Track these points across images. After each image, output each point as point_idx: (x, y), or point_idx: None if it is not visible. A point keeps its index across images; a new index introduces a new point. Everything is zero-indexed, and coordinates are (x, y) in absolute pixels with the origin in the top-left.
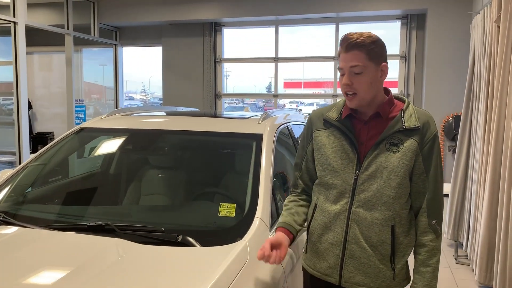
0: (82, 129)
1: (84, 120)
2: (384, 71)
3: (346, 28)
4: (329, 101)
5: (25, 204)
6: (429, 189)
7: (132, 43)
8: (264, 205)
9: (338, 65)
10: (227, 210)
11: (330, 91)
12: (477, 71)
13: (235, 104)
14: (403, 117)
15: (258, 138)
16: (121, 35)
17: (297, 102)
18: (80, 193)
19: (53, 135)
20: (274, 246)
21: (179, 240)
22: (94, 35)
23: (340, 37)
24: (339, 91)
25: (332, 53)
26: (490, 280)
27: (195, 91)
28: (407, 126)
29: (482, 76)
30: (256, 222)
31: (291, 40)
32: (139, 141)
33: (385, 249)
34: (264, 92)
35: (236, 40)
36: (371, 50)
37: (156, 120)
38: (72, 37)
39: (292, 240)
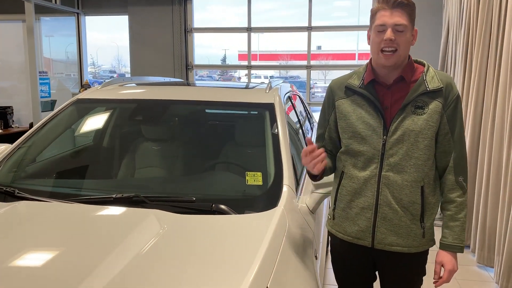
0: (79, 100)
1: (49, 94)
2: (415, 36)
3: None
4: (303, 73)
5: (37, 179)
6: (456, 149)
7: (96, 11)
8: (289, 172)
9: (375, 22)
10: (254, 178)
11: (303, 63)
12: (452, 41)
13: None
14: (426, 80)
15: (270, 107)
16: (83, 3)
17: (252, 74)
18: (94, 165)
19: (12, 109)
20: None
21: (213, 209)
22: (56, 2)
23: (312, 7)
24: (313, 62)
25: (305, 23)
26: (468, 239)
27: (165, 62)
28: (431, 88)
29: (458, 46)
30: (285, 189)
31: (263, 10)
32: (149, 111)
33: (416, 209)
34: (218, 63)
35: (207, 10)
36: (412, 12)
37: (162, 90)
38: (33, 4)
39: (321, 176)
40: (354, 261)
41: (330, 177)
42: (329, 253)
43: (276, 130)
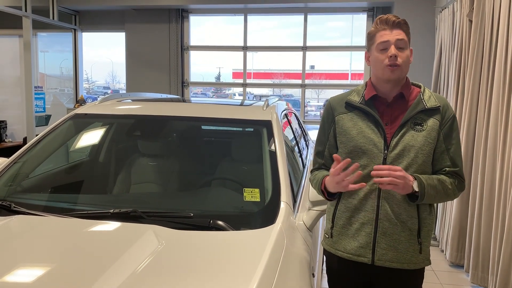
0: (76, 115)
1: (44, 109)
2: (411, 55)
3: (314, 19)
4: (297, 91)
5: (34, 193)
6: (454, 164)
7: (93, 28)
8: (286, 189)
9: (377, 41)
10: (252, 195)
11: (298, 81)
12: (444, 64)
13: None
14: (423, 99)
15: (268, 124)
16: (81, 20)
17: (247, 93)
18: (91, 179)
19: (6, 123)
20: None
21: (211, 225)
22: (53, 18)
23: (307, 27)
24: (307, 81)
25: (300, 43)
26: (461, 259)
27: (161, 79)
28: (429, 106)
29: (451, 69)
30: (283, 206)
31: (259, 29)
32: (146, 127)
33: (414, 223)
34: (212, 81)
35: (203, 28)
36: (408, 31)
37: (159, 106)
38: (31, 20)
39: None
40: (351, 279)
41: None
42: (324, 271)
43: (274, 147)
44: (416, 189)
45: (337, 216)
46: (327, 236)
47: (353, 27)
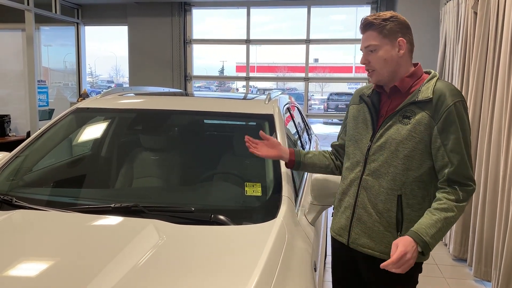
0: (78, 109)
1: (47, 103)
2: (402, 46)
3: (318, 12)
4: (301, 85)
5: (35, 188)
6: (451, 162)
7: (95, 21)
8: (288, 183)
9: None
10: (253, 189)
11: (301, 75)
12: (449, 56)
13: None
14: (420, 90)
15: (270, 118)
16: (83, 13)
17: (250, 86)
18: (93, 174)
19: (10, 118)
20: (269, 144)
21: (212, 220)
22: (56, 12)
23: (310, 20)
24: (311, 75)
25: (304, 36)
26: (465, 253)
27: (163, 72)
28: (419, 99)
29: (455, 62)
30: (285, 200)
31: (262, 22)
32: (148, 121)
33: (391, 217)
34: (216, 74)
35: (206, 22)
36: (383, 28)
37: (161, 100)
38: (33, 14)
39: (292, 165)
40: (341, 259)
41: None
42: (326, 265)
43: None
44: (420, 250)
45: (336, 198)
46: (332, 216)
47: (357, 20)
